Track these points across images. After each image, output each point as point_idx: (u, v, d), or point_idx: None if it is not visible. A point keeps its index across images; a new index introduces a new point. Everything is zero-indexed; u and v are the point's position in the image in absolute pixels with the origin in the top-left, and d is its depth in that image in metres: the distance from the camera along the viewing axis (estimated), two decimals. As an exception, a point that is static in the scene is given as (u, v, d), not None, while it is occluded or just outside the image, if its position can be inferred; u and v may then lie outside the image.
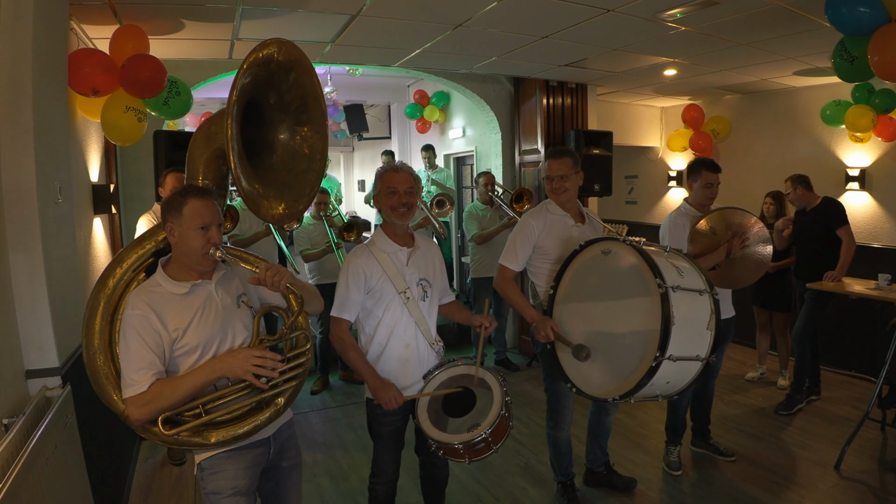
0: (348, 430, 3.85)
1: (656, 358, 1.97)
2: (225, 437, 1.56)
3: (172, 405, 1.51)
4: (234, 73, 1.57)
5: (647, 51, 3.98)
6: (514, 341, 5.61)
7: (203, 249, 1.57)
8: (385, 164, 2.26)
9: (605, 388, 2.19)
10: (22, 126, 1.88)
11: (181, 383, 1.52)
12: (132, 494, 3.05)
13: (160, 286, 1.59)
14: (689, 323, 2.07)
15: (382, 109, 8.91)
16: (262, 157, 1.83)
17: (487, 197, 4.78)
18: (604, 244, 2.32)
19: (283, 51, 1.68)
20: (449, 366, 2.22)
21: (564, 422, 2.74)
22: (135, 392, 1.48)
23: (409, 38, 3.75)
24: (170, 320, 1.55)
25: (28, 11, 1.89)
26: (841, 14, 2.66)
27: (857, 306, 4.20)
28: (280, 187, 1.79)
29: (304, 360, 1.70)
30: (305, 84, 1.78)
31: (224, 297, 1.67)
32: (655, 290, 2.01)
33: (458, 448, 2.00)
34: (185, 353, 1.58)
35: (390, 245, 2.18)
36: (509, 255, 2.64)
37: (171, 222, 1.58)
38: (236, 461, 1.66)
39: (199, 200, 1.58)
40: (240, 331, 1.67)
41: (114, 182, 3.72)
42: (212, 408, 1.56)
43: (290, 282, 1.59)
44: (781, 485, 3.02)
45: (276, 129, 1.83)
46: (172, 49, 3.67)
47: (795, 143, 5.19)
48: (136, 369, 1.49)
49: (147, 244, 1.72)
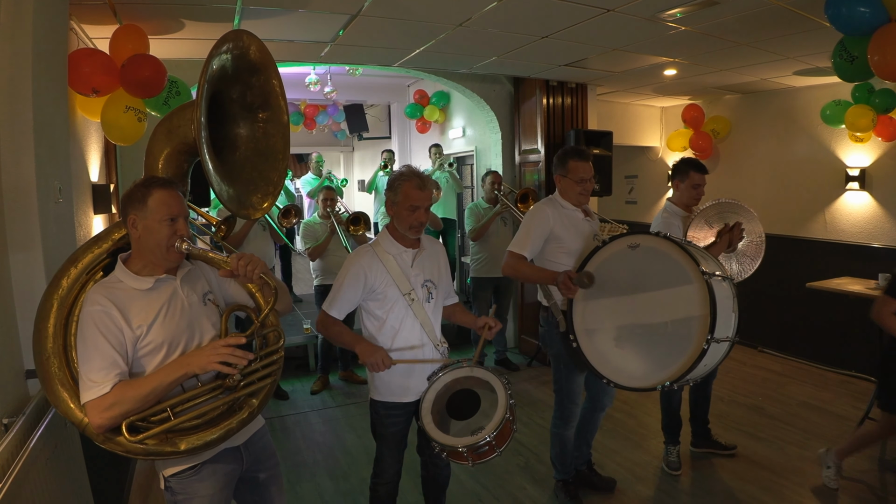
0: (348, 430, 3.85)
1: (708, 340, 2.06)
2: (196, 444, 1.45)
3: (138, 408, 1.39)
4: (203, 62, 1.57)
5: (647, 51, 3.98)
6: (515, 341, 5.61)
7: (169, 242, 1.50)
8: (406, 171, 2.14)
9: (649, 377, 2.23)
10: (22, 126, 1.88)
11: (146, 383, 1.41)
12: (132, 494, 3.05)
13: (121, 282, 1.50)
14: (724, 307, 2.16)
15: (382, 109, 8.91)
16: (225, 155, 1.81)
17: (493, 196, 4.77)
18: (630, 238, 2.34)
19: (254, 47, 1.71)
20: (454, 367, 2.21)
21: (571, 420, 2.75)
22: (96, 394, 1.37)
23: (409, 38, 3.75)
24: (133, 316, 1.45)
25: (28, 11, 1.89)
26: (841, 14, 2.66)
27: (857, 306, 4.20)
28: (245, 184, 1.78)
29: (277, 358, 1.65)
30: (271, 78, 1.79)
31: (190, 294, 1.59)
32: (698, 278, 2.11)
33: (461, 451, 2.00)
34: (149, 353, 1.48)
35: (395, 247, 2.17)
36: (521, 241, 2.56)
37: (134, 214, 1.50)
38: (207, 484, 1.56)
39: (165, 191, 1.51)
40: (207, 329, 1.59)
41: (114, 182, 3.72)
42: (180, 410, 1.45)
43: (265, 272, 1.54)
44: (781, 485, 3.02)
45: (238, 124, 1.82)
46: (172, 49, 3.67)
47: (795, 143, 5.19)
48: (97, 369, 1.38)
49: (104, 243, 1.61)
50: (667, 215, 3.04)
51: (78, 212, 2.72)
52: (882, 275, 3.75)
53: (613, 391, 2.81)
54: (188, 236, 1.54)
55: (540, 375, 4.85)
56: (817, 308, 4.86)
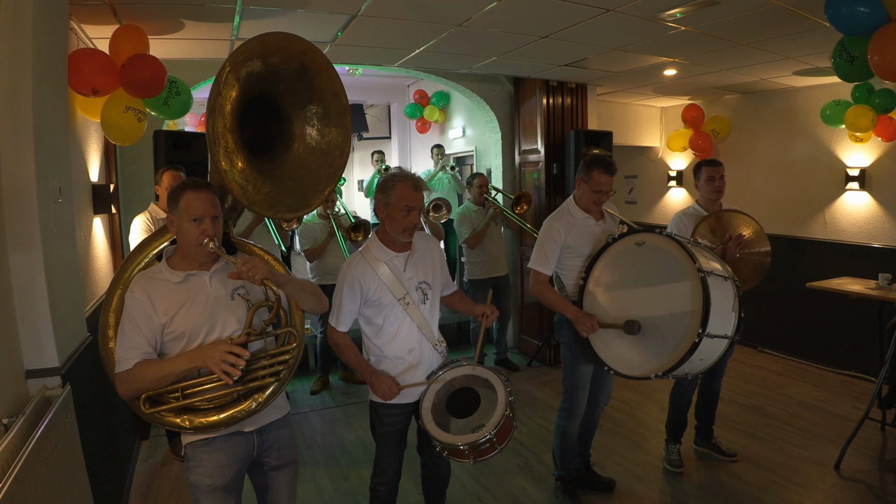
0: (348, 430, 3.85)
1: (699, 335, 2.17)
2: (201, 423, 1.62)
3: (153, 386, 1.58)
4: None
5: (647, 51, 3.98)
6: (515, 341, 5.61)
7: (196, 240, 1.64)
8: (399, 173, 2.10)
9: (644, 367, 2.36)
10: (22, 126, 1.88)
11: (161, 367, 1.58)
12: (132, 494, 3.05)
13: (160, 273, 1.69)
14: (721, 304, 2.26)
15: (382, 109, 8.91)
16: (277, 153, 1.82)
17: (481, 199, 4.77)
18: (637, 236, 2.49)
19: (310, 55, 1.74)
20: (453, 366, 2.21)
21: (577, 413, 2.77)
22: (121, 369, 1.59)
23: (409, 38, 3.74)
24: (160, 305, 1.63)
25: (28, 11, 1.89)
26: (841, 14, 2.66)
27: (857, 306, 4.20)
28: (288, 183, 1.78)
29: (289, 359, 1.70)
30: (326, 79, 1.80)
31: (218, 288, 1.71)
32: (695, 275, 2.22)
33: (462, 449, 2.00)
34: (173, 339, 1.65)
35: (386, 253, 2.14)
36: (539, 260, 2.68)
37: (171, 214, 1.67)
38: (215, 457, 1.71)
39: (194, 193, 1.64)
40: (230, 323, 1.69)
41: (114, 182, 3.72)
42: (190, 393, 1.61)
43: (268, 276, 1.61)
44: (781, 485, 3.02)
45: (293, 123, 1.83)
46: (172, 49, 3.67)
47: (795, 143, 5.19)
48: (126, 348, 1.60)
49: (168, 234, 1.85)
50: (682, 215, 3.14)
51: (78, 212, 2.72)
52: (882, 275, 3.75)
53: (611, 387, 2.92)
54: (216, 236, 1.65)
55: (540, 375, 4.85)
56: (817, 308, 4.86)
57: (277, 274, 1.68)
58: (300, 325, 1.81)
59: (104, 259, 3.37)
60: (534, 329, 5.33)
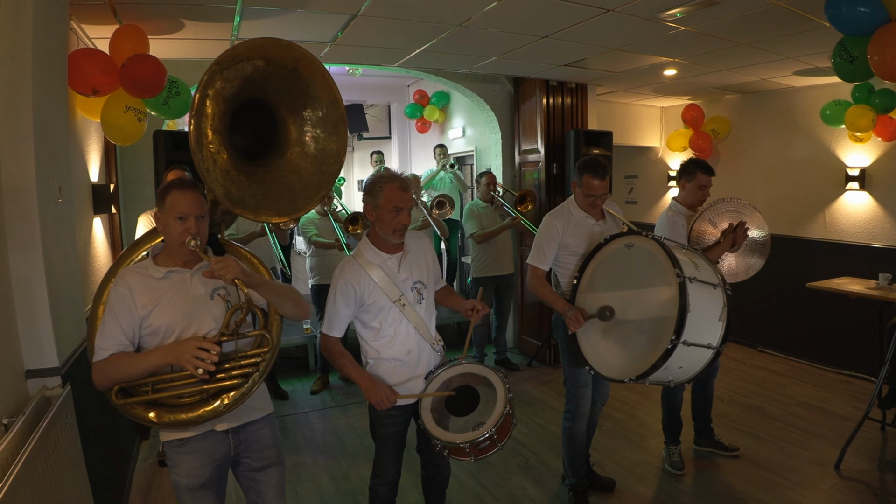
0: (348, 430, 3.85)
1: (672, 341, 2.12)
2: (168, 420, 1.63)
3: (125, 378, 1.61)
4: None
5: (647, 51, 3.98)
6: (514, 341, 5.60)
7: (179, 238, 1.66)
8: (386, 174, 2.08)
9: (622, 370, 2.34)
10: (22, 126, 1.88)
11: (133, 361, 1.61)
12: (132, 494, 3.05)
13: (146, 268, 1.71)
14: (704, 312, 2.22)
15: (382, 109, 8.91)
16: (271, 157, 1.82)
17: (489, 196, 4.79)
18: (627, 238, 2.48)
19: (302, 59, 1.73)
20: (451, 365, 2.21)
21: (583, 413, 2.77)
22: (97, 358, 1.62)
23: (409, 38, 3.74)
24: (140, 300, 1.65)
25: (28, 11, 1.89)
26: (841, 14, 2.66)
27: (857, 306, 4.20)
28: (280, 189, 1.78)
29: (260, 362, 1.67)
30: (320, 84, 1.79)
31: (198, 286, 1.71)
32: (674, 280, 2.17)
33: (463, 447, 2.00)
34: (149, 334, 1.67)
35: (378, 255, 2.12)
36: (538, 256, 2.72)
37: (159, 212, 1.71)
38: (191, 457, 1.73)
39: (180, 192, 1.67)
40: (206, 322, 1.69)
41: (114, 182, 3.72)
42: (161, 388, 1.63)
43: (239, 276, 1.60)
44: (781, 485, 3.02)
45: (288, 129, 1.82)
46: (172, 49, 3.67)
47: (795, 143, 5.19)
48: (104, 338, 1.63)
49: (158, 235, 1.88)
50: (672, 214, 3.11)
51: (78, 212, 2.72)
52: (882, 275, 3.75)
53: (608, 388, 2.94)
54: (199, 235, 1.67)
55: (540, 375, 4.85)
56: (817, 308, 4.86)
57: (252, 275, 1.67)
58: (276, 330, 1.76)
59: (104, 259, 3.37)
60: (534, 329, 5.33)
